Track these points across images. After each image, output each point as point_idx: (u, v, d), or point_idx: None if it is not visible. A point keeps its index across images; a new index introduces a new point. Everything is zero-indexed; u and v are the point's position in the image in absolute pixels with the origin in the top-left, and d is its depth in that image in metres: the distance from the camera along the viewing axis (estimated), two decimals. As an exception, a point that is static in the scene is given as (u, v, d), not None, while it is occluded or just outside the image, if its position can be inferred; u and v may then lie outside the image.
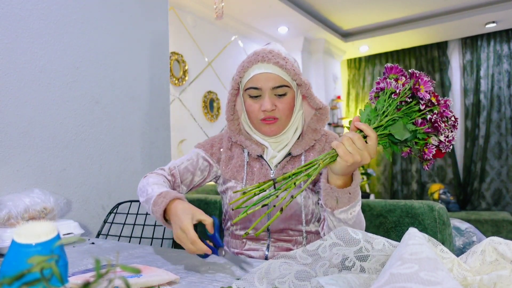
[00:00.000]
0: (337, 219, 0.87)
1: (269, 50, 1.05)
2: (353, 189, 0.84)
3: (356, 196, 0.86)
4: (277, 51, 1.05)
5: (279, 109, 1.03)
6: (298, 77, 1.03)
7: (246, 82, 1.05)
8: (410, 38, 5.27)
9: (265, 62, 1.02)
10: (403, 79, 0.79)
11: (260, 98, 1.04)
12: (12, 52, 1.32)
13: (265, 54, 1.03)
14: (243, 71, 1.05)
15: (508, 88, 5.05)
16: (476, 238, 1.85)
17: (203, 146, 1.17)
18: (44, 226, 0.39)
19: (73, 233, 1.22)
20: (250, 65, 1.03)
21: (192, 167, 1.13)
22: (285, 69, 1.02)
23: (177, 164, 1.13)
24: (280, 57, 1.03)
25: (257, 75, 1.02)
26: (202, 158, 1.15)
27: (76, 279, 0.68)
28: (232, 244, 1.12)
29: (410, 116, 0.79)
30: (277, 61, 1.01)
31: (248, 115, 1.08)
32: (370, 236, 0.58)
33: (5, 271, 0.38)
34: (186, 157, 1.16)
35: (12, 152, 1.31)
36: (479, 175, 5.15)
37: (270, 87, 1.02)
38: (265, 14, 4.16)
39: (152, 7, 1.85)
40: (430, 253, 0.43)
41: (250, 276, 0.58)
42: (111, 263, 0.32)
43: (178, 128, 3.49)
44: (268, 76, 1.02)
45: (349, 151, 0.77)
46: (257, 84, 1.02)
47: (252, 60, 1.03)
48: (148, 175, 1.08)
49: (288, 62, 1.03)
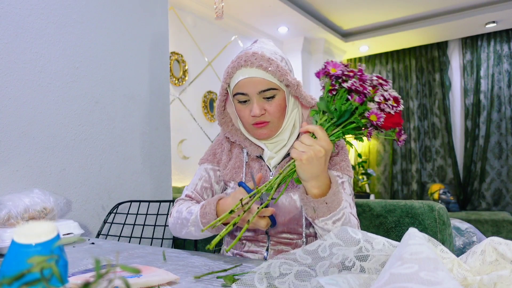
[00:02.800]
0: (320, 228, 0.87)
1: (252, 52, 1.01)
2: (329, 198, 0.84)
3: (335, 206, 0.85)
4: (261, 53, 1.00)
5: (269, 113, 1.00)
6: (284, 77, 0.99)
7: (233, 87, 1.02)
8: (410, 38, 5.27)
9: (248, 66, 0.98)
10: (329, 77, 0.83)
11: (249, 102, 1.01)
12: (12, 52, 1.32)
13: (248, 58, 0.99)
14: (228, 77, 1.02)
15: (508, 88, 5.04)
16: (476, 238, 1.85)
17: (207, 159, 1.16)
18: (44, 226, 0.39)
19: (73, 233, 1.22)
20: (234, 70, 1.00)
21: (207, 183, 1.12)
22: (269, 72, 0.98)
23: (192, 188, 1.12)
24: (264, 59, 0.99)
25: (242, 81, 0.99)
26: (212, 170, 1.14)
27: (76, 279, 0.68)
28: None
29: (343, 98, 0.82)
30: (260, 64, 0.97)
31: (240, 120, 1.07)
32: (370, 236, 0.58)
33: (5, 271, 0.38)
34: (197, 177, 1.15)
35: (12, 152, 1.31)
36: (479, 175, 5.15)
37: (257, 92, 0.98)
38: (265, 14, 4.16)
39: (152, 7, 1.85)
40: (430, 253, 0.43)
41: (250, 276, 0.58)
42: (111, 263, 0.32)
43: (178, 128, 3.49)
44: (253, 81, 0.98)
45: (300, 151, 0.81)
46: (243, 90, 0.99)
47: (235, 65, 1.00)
48: (174, 209, 1.07)
49: (272, 63, 0.99)
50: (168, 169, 1.90)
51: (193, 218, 0.96)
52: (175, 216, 1.04)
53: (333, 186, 0.86)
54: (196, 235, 0.99)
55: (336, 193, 0.86)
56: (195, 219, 0.96)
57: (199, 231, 0.96)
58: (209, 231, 0.93)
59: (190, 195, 1.11)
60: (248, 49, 1.05)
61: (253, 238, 1.07)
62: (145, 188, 1.77)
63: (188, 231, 0.99)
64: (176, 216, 1.03)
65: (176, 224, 1.03)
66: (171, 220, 1.07)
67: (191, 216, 0.97)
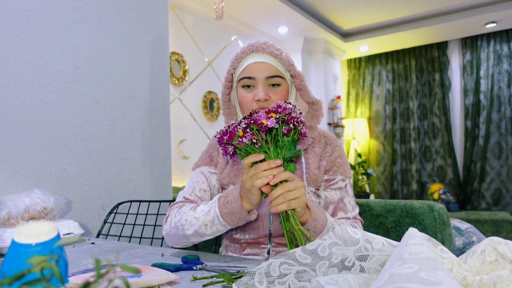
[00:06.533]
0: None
1: (263, 41, 1.05)
2: (310, 224, 0.88)
3: (320, 228, 0.89)
4: (272, 43, 1.06)
5: (272, 100, 1.00)
6: (292, 67, 1.03)
7: (239, 72, 1.04)
8: (410, 38, 5.27)
9: (259, 52, 1.02)
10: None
11: (254, 88, 1.02)
12: (12, 52, 1.32)
13: (259, 45, 1.03)
14: (237, 62, 1.04)
15: (508, 88, 5.05)
16: (476, 238, 1.85)
17: (203, 162, 1.13)
18: (44, 226, 0.39)
19: (73, 233, 1.22)
20: (244, 55, 1.03)
21: (205, 185, 1.09)
22: (279, 59, 1.01)
23: (190, 191, 1.08)
24: (274, 48, 1.04)
25: (251, 65, 1.01)
26: (208, 172, 1.11)
27: (76, 279, 0.68)
28: (231, 248, 1.09)
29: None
30: (271, 51, 1.02)
31: (240, 106, 1.05)
32: (370, 236, 0.58)
33: (5, 271, 0.38)
34: (193, 181, 1.10)
35: (12, 152, 1.31)
36: (479, 175, 5.15)
37: (264, 77, 1.00)
38: (265, 14, 4.16)
39: (152, 7, 1.85)
40: (430, 253, 0.43)
41: (250, 276, 0.58)
42: (111, 263, 0.32)
43: (178, 128, 3.49)
44: (263, 66, 1.01)
45: (295, 198, 0.82)
46: (250, 74, 1.01)
47: (246, 50, 1.03)
48: (171, 215, 1.02)
49: (282, 53, 1.04)
50: (168, 169, 1.90)
51: (208, 212, 0.92)
52: (175, 220, 0.98)
53: (312, 212, 0.89)
54: (207, 233, 0.94)
55: (317, 219, 0.89)
56: (212, 213, 0.92)
57: (215, 228, 0.92)
58: (231, 221, 0.91)
59: (189, 197, 1.06)
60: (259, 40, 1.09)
61: (253, 241, 1.05)
62: (145, 188, 1.77)
63: (198, 230, 0.94)
64: (177, 220, 0.97)
65: (177, 228, 0.97)
66: (167, 227, 1.00)
67: (203, 213, 0.93)
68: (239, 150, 0.86)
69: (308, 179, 1.04)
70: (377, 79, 5.95)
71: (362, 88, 6.07)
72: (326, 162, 1.07)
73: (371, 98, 5.98)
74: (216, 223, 0.92)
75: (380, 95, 5.91)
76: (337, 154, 1.08)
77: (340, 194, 1.05)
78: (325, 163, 1.07)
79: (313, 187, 1.05)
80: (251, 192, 0.86)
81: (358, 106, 6.08)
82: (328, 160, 1.07)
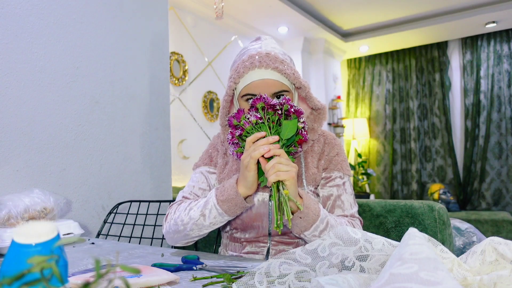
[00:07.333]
0: (310, 240, 0.91)
1: (266, 53, 0.99)
2: (302, 212, 0.88)
3: (313, 217, 0.88)
4: (274, 54, 0.99)
5: None
6: (297, 80, 0.99)
7: (242, 88, 1.00)
8: (410, 38, 5.27)
9: (263, 67, 0.96)
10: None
11: None
12: (12, 52, 1.32)
13: (262, 59, 0.97)
14: (238, 77, 0.99)
15: (508, 88, 5.04)
16: (476, 238, 1.85)
17: (203, 163, 1.14)
18: (44, 226, 0.39)
19: (73, 233, 1.22)
20: (246, 70, 0.97)
21: (205, 184, 1.10)
22: (284, 74, 0.97)
23: (190, 190, 1.09)
24: (278, 61, 0.98)
25: (255, 82, 0.97)
26: (208, 172, 1.12)
27: (76, 279, 0.68)
28: (231, 247, 1.10)
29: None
30: (276, 66, 0.96)
31: None
32: (370, 236, 0.58)
33: (5, 271, 0.38)
34: (193, 180, 1.11)
35: (12, 152, 1.31)
36: (479, 175, 5.15)
37: (270, 94, 0.97)
38: (265, 14, 4.16)
39: (152, 7, 1.85)
40: (430, 253, 0.43)
41: (250, 276, 0.58)
42: (111, 263, 0.32)
43: (178, 128, 3.49)
44: (267, 83, 0.97)
45: (286, 170, 0.85)
46: (255, 91, 0.97)
47: (248, 65, 0.97)
48: (171, 212, 1.03)
49: (287, 65, 0.99)
50: (168, 169, 1.90)
51: (206, 202, 0.94)
52: (174, 217, 1.00)
53: (304, 201, 0.89)
54: (205, 224, 0.94)
55: (310, 206, 0.89)
56: (210, 203, 0.93)
57: (212, 217, 0.93)
58: (228, 209, 0.92)
59: (188, 197, 1.07)
60: (258, 48, 1.02)
61: (253, 239, 1.06)
62: (145, 188, 1.77)
63: (197, 221, 0.94)
64: (177, 216, 0.99)
65: (176, 224, 0.98)
66: (167, 225, 1.02)
67: (201, 204, 0.95)
68: (245, 135, 0.93)
69: (307, 178, 1.04)
70: (377, 79, 5.95)
71: (362, 88, 6.06)
72: (324, 161, 1.08)
73: (371, 98, 5.98)
74: (213, 211, 0.93)
75: (380, 95, 5.91)
76: (335, 152, 1.08)
77: (338, 191, 1.04)
78: (323, 162, 1.07)
79: (312, 186, 1.05)
80: (248, 167, 0.88)
81: (358, 106, 6.08)
82: (326, 158, 1.08)
